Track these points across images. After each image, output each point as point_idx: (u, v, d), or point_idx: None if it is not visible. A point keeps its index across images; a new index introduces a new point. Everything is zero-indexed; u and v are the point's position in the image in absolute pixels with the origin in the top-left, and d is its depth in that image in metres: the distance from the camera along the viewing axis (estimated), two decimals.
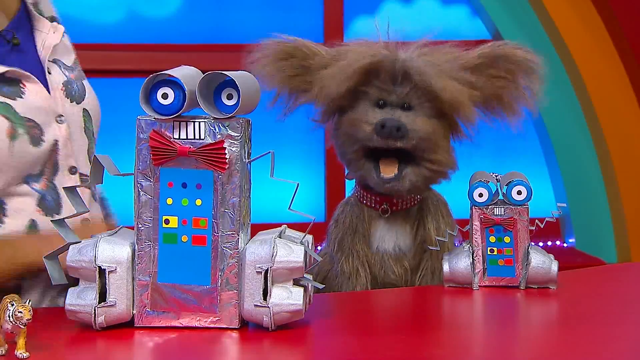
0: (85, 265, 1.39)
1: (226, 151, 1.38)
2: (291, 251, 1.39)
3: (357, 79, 1.73)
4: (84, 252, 1.39)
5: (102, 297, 1.39)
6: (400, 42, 1.79)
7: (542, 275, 1.68)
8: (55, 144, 1.68)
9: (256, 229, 1.49)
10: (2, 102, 1.61)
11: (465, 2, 3.65)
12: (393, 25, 3.57)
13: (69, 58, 1.82)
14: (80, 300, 1.39)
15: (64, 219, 1.44)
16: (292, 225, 1.50)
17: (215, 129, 1.39)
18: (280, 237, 1.42)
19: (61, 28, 1.80)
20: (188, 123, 1.39)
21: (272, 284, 1.38)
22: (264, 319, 1.38)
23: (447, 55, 1.78)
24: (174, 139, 1.39)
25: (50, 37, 1.76)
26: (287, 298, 1.38)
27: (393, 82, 1.73)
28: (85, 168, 1.74)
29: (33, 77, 1.67)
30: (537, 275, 1.68)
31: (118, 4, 3.55)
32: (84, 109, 1.77)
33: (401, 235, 1.81)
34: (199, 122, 1.39)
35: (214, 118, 1.39)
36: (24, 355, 1.25)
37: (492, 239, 1.70)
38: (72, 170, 1.72)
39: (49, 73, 1.72)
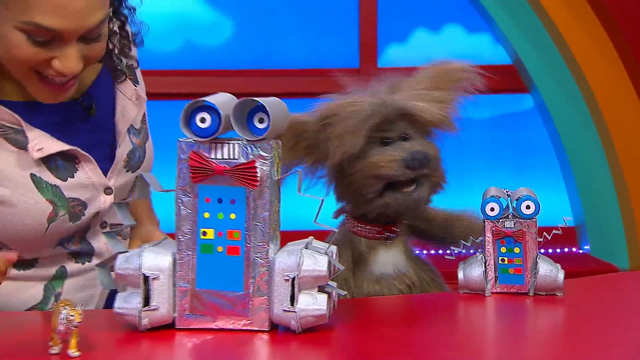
0: (131, 272, 1.39)
1: (257, 170, 1.38)
2: (316, 261, 1.38)
3: (368, 133, 1.69)
4: (131, 261, 1.39)
5: (146, 301, 1.39)
6: (376, 81, 1.77)
7: (549, 283, 1.65)
8: (97, 214, 1.63)
9: (287, 235, 1.49)
10: (52, 185, 1.54)
11: (488, 30, 3.62)
12: (423, 52, 3.57)
13: (139, 115, 1.73)
14: (127, 304, 1.39)
15: (112, 231, 1.44)
16: (320, 234, 1.48)
17: (247, 150, 1.38)
18: (306, 248, 1.41)
19: (143, 97, 1.72)
20: (223, 144, 1.39)
21: (298, 291, 1.38)
22: (292, 322, 1.38)
23: (412, 84, 1.76)
24: (211, 159, 1.38)
25: (130, 107, 1.68)
26: (312, 304, 1.38)
27: (390, 122, 1.71)
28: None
29: (91, 157, 1.59)
30: (545, 283, 1.65)
31: (176, 34, 3.57)
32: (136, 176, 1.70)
33: (397, 257, 1.78)
34: (233, 144, 1.38)
35: (247, 140, 1.38)
36: (75, 354, 1.25)
37: (503, 249, 1.67)
38: (103, 224, 1.68)
39: (119, 146, 1.65)
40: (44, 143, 1.51)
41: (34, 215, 1.52)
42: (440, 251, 1.91)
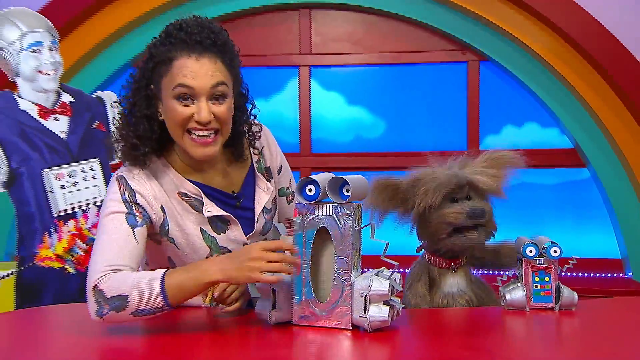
0: (266, 287, 1.37)
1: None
2: (381, 284, 1.32)
3: (443, 194, 1.59)
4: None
5: (274, 306, 1.37)
6: (451, 159, 1.67)
7: (569, 301, 1.53)
8: None
9: (368, 260, 1.44)
10: (212, 236, 1.48)
11: (555, 125, 3.38)
12: (510, 140, 3.37)
13: (270, 200, 1.58)
14: (262, 307, 1.39)
15: None
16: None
17: (337, 209, 1.34)
18: (377, 275, 1.34)
19: (271, 188, 1.59)
20: (323, 206, 1.36)
21: (369, 304, 1.32)
22: (365, 324, 1.32)
23: (474, 164, 1.65)
24: (315, 214, 1.35)
25: (263, 196, 1.56)
26: (378, 313, 1.31)
27: (459, 187, 1.60)
28: None
29: (238, 222, 1.51)
30: (567, 302, 1.53)
31: (350, 131, 3.58)
32: (265, 238, 1.59)
33: (460, 281, 1.65)
34: (329, 205, 1.36)
35: (338, 203, 1.35)
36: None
37: (537, 278, 1.54)
38: None
39: (257, 221, 1.54)
40: (212, 208, 1.48)
41: (198, 254, 1.48)
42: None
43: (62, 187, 2.40)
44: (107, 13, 3.35)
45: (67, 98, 2.49)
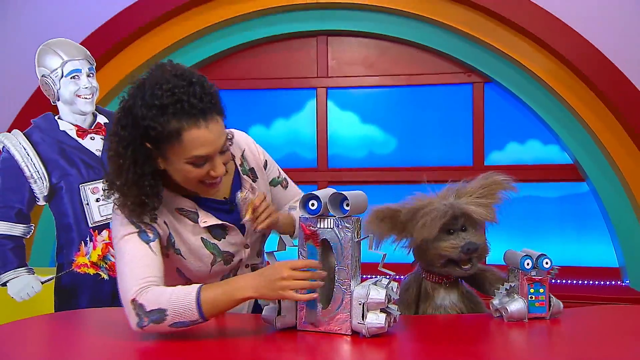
0: None
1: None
2: (378, 293, 1.30)
3: (440, 226, 1.55)
4: None
5: (279, 312, 1.36)
6: (447, 187, 1.61)
7: (557, 309, 1.50)
8: (240, 260, 1.52)
9: (367, 267, 1.44)
10: (213, 243, 1.45)
11: (556, 143, 3.32)
12: (514, 156, 3.31)
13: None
14: (268, 313, 1.38)
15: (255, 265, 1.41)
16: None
17: (338, 223, 1.33)
18: (375, 284, 1.32)
19: (257, 188, 1.54)
20: (324, 219, 1.35)
21: (367, 311, 1.30)
22: (363, 330, 1.30)
23: (469, 192, 1.59)
24: (317, 227, 1.34)
25: (250, 196, 1.49)
26: (375, 319, 1.29)
27: (454, 218, 1.55)
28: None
29: (235, 227, 1.48)
30: (555, 309, 1.49)
31: (363, 147, 3.55)
32: (263, 234, 1.56)
33: (452, 294, 1.61)
34: (330, 219, 1.34)
35: (338, 217, 1.33)
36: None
37: (532, 290, 1.49)
38: (246, 265, 1.55)
39: None
40: (207, 219, 1.45)
41: (203, 261, 1.46)
42: None
43: (97, 200, 2.43)
44: (139, 44, 3.41)
45: (102, 119, 2.53)
